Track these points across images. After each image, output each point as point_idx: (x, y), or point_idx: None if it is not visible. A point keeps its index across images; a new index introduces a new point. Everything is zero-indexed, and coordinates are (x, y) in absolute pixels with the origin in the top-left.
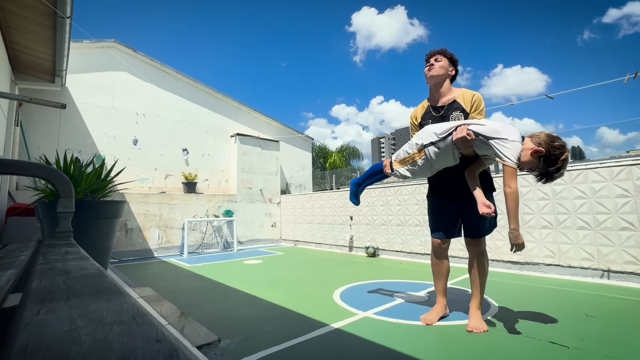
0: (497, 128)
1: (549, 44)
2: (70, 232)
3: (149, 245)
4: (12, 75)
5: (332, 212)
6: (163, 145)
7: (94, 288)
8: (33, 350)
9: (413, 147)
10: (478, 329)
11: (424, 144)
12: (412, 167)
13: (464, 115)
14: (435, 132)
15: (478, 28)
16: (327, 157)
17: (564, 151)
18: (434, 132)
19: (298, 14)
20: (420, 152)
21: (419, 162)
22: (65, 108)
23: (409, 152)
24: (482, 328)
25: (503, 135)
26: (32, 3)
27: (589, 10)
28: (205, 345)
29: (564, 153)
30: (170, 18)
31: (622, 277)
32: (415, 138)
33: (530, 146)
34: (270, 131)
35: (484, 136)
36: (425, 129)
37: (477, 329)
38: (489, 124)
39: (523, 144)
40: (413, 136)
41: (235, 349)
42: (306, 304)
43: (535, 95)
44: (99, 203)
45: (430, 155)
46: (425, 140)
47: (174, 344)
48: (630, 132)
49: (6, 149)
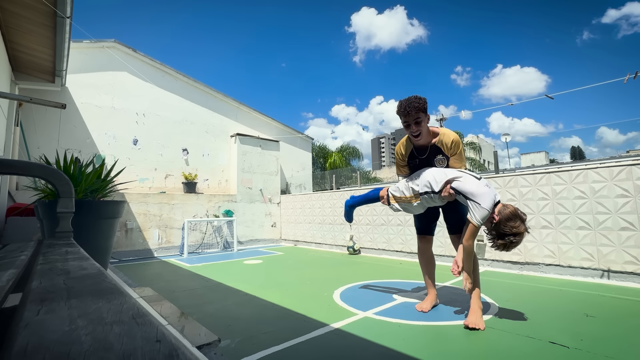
0: (475, 192)
1: (549, 44)
2: (70, 232)
3: (149, 245)
4: (12, 75)
5: (332, 212)
6: (163, 145)
7: (94, 288)
8: (33, 350)
9: (410, 191)
10: (474, 324)
11: (420, 192)
12: (407, 206)
13: (446, 158)
14: (430, 184)
15: (478, 28)
16: (327, 157)
17: (514, 233)
18: (429, 183)
19: (298, 15)
20: (417, 197)
21: (414, 204)
22: (65, 108)
23: (406, 194)
24: (478, 324)
25: (479, 200)
26: (32, 3)
27: (588, 11)
28: (205, 345)
29: (515, 235)
30: (170, 18)
31: (622, 277)
32: (411, 182)
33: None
34: (270, 131)
35: (464, 195)
36: (421, 178)
37: (474, 324)
38: (471, 185)
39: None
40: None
41: (235, 349)
42: (306, 304)
43: (535, 95)
44: (99, 203)
45: (423, 202)
46: (421, 189)
47: (174, 344)
48: (630, 132)
49: (6, 149)
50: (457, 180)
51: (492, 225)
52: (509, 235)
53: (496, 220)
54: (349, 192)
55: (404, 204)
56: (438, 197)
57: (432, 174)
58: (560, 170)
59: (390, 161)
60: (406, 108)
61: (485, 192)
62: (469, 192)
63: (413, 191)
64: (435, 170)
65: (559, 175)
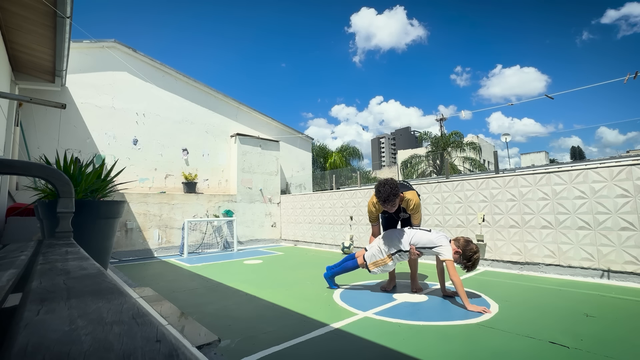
0: (432, 239)
1: (548, 45)
2: (70, 232)
3: (149, 245)
4: (12, 75)
5: (332, 212)
6: (163, 145)
7: (94, 288)
8: (33, 350)
9: (383, 253)
10: (478, 309)
11: (392, 253)
12: (384, 267)
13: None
14: (398, 245)
15: (477, 28)
16: (327, 157)
17: (475, 252)
18: (397, 245)
19: (297, 15)
20: (390, 257)
21: (389, 264)
22: (65, 108)
23: (381, 256)
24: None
25: (439, 243)
26: (32, 3)
27: (587, 11)
28: (205, 345)
29: (476, 253)
30: (170, 18)
31: (622, 277)
32: (382, 245)
33: (454, 248)
34: (270, 131)
35: (427, 247)
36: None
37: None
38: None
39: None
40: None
41: (235, 349)
42: (306, 304)
43: (535, 95)
44: (99, 203)
45: (395, 260)
46: (392, 250)
47: (174, 344)
48: (630, 132)
49: (6, 149)
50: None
51: (460, 256)
52: (472, 254)
53: (460, 252)
54: (349, 192)
55: (381, 267)
56: (406, 254)
57: (397, 237)
58: (560, 170)
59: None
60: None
61: (438, 236)
62: (428, 243)
63: (385, 253)
64: (397, 232)
65: (559, 175)
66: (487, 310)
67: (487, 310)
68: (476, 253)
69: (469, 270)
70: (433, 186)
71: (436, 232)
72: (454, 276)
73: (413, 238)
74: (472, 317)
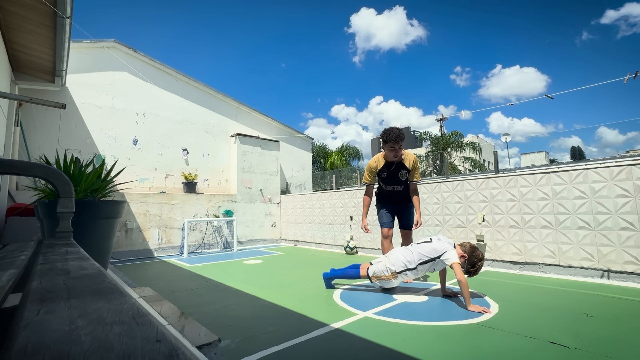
0: (436, 247)
1: (548, 45)
2: (70, 232)
3: (149, 245)
4: (12, 75)
5: (332, 212)
6: (163, 145)
7: (94, 288)
8: (33, 350)
9: (387, 271)
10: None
11: (397, 272)
12: (387, 283)
13: (407, 171)
14: (404, 264)
15: (477, 29)
16: (327, 157)
17: (480, 259)
18: (404, 264)
19: (297, 16)
20: (394, 275)
21: (392, 281)
22: (65, 108)
23: (386, 274)
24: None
25: (443, 249)
26: (32, 3)
27: (587, 11)
28: (205, 345)
29: (481, 260)
30: (170, 18)
31: (622, 277)
32: (388, 263)
33: (460, 252)
34: (270, 131)
35: (432, 258)
36: (396, 260)
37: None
38: (429, 247)
39: (455, 249)
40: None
41: (235, 349)
42: (306, 304)
43: (535, 95)
44: (99, 203)
45: (400, 278)
46: (397, 268)
47: (174, 344)
48: (630, 132)
49: (6, 149)
50: (422, 253)
51: (465, 261)
52: (477, 261)
53: (466, 256)
54: (349, 192)
55: (384, 281)
56: (412, 272)
57: (404, 256)
58: (560, 170)
59: None
60: (397, 138)
61: (440, 243)
62: (432, 252)
63: (390, 271)
64: (404, 250)
65: (559, 175)
66: (487, 310)
67: (487, 310)
68: (481, 260)
69: (470, 276)
70: (433, 186)
71: (436, 239)
72: (461, 277)
73: (417, 254)
74: (472, 317)
